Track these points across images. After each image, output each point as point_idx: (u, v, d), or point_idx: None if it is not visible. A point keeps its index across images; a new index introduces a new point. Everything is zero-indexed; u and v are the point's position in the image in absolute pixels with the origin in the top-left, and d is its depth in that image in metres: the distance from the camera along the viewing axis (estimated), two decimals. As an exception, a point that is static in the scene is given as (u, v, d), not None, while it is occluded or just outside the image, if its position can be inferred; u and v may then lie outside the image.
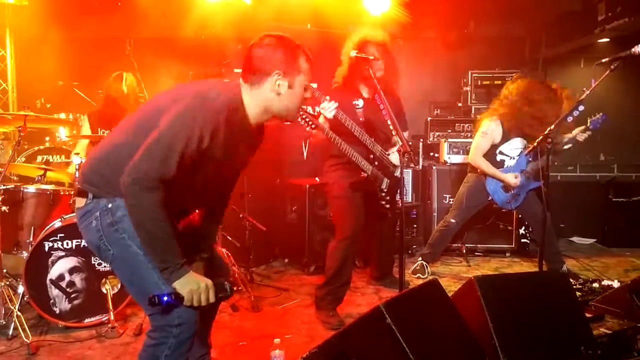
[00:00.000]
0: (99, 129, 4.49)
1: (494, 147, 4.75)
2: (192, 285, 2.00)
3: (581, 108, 3.49)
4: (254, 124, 2.22)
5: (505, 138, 4.71)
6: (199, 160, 2.04)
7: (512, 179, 4.67)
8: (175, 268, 1.99)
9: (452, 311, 2.56)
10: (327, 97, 3.52)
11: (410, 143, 3.67)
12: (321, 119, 3.58)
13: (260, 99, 2.16)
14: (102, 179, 2.12)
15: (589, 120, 4.62)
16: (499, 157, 4.75)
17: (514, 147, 4.75)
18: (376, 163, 3.88)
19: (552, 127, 3.53)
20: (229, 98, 2.09)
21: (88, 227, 2.14)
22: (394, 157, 4.05)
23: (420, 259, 5.03)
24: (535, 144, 3.60)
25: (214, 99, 2.04)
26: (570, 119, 3.55)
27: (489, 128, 4.71)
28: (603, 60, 3.39)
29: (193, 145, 1.98)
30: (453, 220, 4.90)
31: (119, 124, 2.27)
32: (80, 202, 2.17)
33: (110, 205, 2.09)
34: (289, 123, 2.34)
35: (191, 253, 2.26)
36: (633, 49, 3.25)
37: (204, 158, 2.05)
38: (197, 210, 2.47)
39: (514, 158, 4.75)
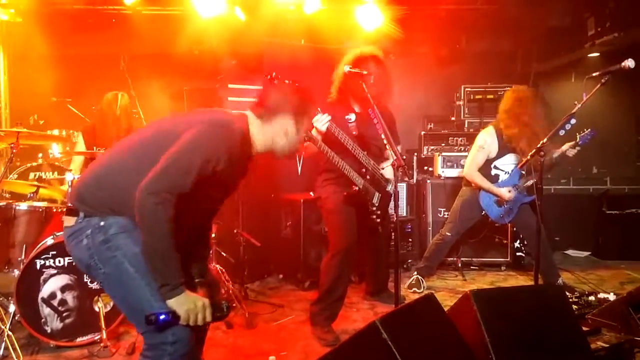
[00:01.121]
0: (94, 147, 4.47)
1: (489, 161, 4.77)
2: (189, 304, 2.01)
3: (573, 121, 3.52)
4: (255, 154, 2.35)
5: (501, 152, 4.73)
6: (208, 181, 2.10)
7: (506, 193, 4.69)
8: (174, 286, 1.99)
9: (449, 326, 2.55)
10: (319, 109, 3.53)
11: (404, 157, 3.68)
12: (313, 132, 3.58)
13: (268, 133, 2.32)
14: (97, 199, 2.13)
15: (578, 136, 4.65)
16: (493, 172, 4.77)
17: (508, 162, 4.77)
18: (368, 177, 3.89)
19: (545, 140, 3.54)
20: (240, 128, 2.24)
21: (78, 246, 2.13)
22: (387, 171, 4.06)
23: (415, 273, 5.01)
24: (528, 157, 3.62)
25: (230, 126, 2.19)
26: (562, 132, 3.58)
27: (485, 142, 4.73)
28: (594, 74, 3.43)
29: (209, 167, 2.07)
30: (448, 234, 4.90)
31: (116, 146, 2.30)
32: (69, 220, 2.16)
33: (102, 223, 2.10)
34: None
35: (188, 276, 2.25)
36: (623, 63, 3.29)
37: (212, 180, 2.12)
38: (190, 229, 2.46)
39: (508, 173, 4.77)
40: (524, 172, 4.70)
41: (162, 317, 1.95)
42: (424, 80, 6.98)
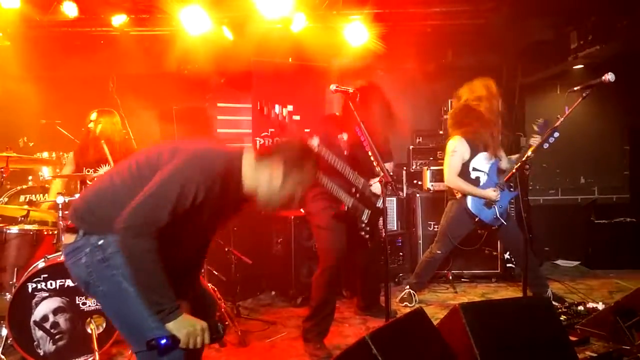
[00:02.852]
0: (84, 168, 4.49)
1: (466, 164, 4.75)
2: (189, 327, 2.03)
3: (556, 134, 3.59)
4: (245, 192, 2.28)
5: (473, 153, 4.73)
6: (190, 213, 2.10)
7: (492, 193, 4.66)
8: (170, 310, 2.01)
9: (438, 339, 2.58)
10: (307, 131, 3.57)
11: (391, 173, 3.70)
12: None
13: (256, 174, 2.24)
14: (95, 217, 2.16)
15: (535, 127, 4.64)
16: (473, 175, 4.74)
17: (483, 162, 4.75)
18: (358, 195, 3.92)
19: (529, 153, 3.61)
20: (227, 161, 2.20)
21: (77, 263, 2.15)
22: (375, 186, 4.09)
23: (408, 287, 5.03)
24: (514, 170, 3.67)
25: (213, 159, 2.17)
26: (546, 145, 3.65)
27: (456, 147, 4.74)
28: (575, 89, 3.50)
29: (188, 200, 2.06)
30: (439, 252, 4.89)
31: (116, 166, 2.34)
32: (69, 238, 2.19)
33: (101, 242, 2.12)
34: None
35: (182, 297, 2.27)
36: (603, 77, 3.36)
37: (194, 212, 2.11)
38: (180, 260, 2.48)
39: (486, 173, 4.76)
40: (503, 168, 4.70)
41: (163, 341, 1.96)
42: (411, 95, 7.04)
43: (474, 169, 4.78)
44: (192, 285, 2.46)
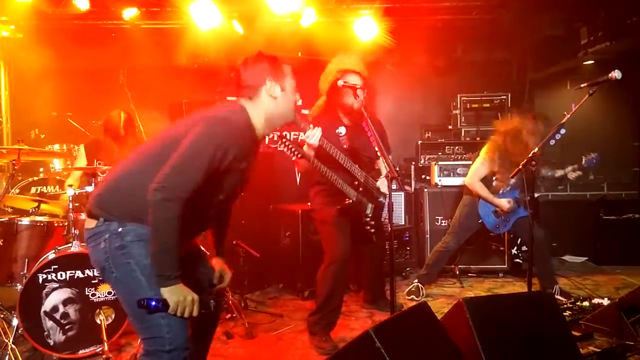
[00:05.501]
0: (95, 161, 4.53)
1: (492, 173, 4.83)
2: (180, 296, 2.09)
3: (563, 131, 3.58)
4: (260, 136, 2.40)
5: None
6: (221, 174, 2.19)
7: (506, 204, 4.73)
8: (169, 277, 2.07)
9: (442, 333, 2.61)
10: (311, 125, 3.58)
11: (397, 168, 3.73)
12: (305, 148, 3.64)
13: (262, 108, 2.35)
14: (114, 204, 2.21)
15: (583, 159, 4.70)
16: (495, 183, 4.82)
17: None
18: (361, 189, 3.95)
19: (536, 150, 3.61)
20: (241, 116, 2.30)
21: (96, 248, 2.22)
22: (382, 184, 4.12)
23: (416, 280, 5.05)
24: (520, 166, 3.68)
25: (230, 117, 2.25)
26: (552, 142, 3.64)
27: (489, 158, 4.79)
28: (582, 85, 3.48)
29: (216, 161, 2.13)
30: (451, 242, 4.94)
31: (132, 153, 2.39)
32: (90, 223, 2.25)
33: (120, 230, 2.18)
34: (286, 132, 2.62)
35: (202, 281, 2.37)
36: (610, 74, 3.33)
37: (225, 173, 2.21)
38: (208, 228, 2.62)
39: (509, 185, 4.81)
40: (525, 192, 4.73)
41: (152, 303, 2.04)
42: (421, 89, 7.05)
43: (496, 178, 4.81)
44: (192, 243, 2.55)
